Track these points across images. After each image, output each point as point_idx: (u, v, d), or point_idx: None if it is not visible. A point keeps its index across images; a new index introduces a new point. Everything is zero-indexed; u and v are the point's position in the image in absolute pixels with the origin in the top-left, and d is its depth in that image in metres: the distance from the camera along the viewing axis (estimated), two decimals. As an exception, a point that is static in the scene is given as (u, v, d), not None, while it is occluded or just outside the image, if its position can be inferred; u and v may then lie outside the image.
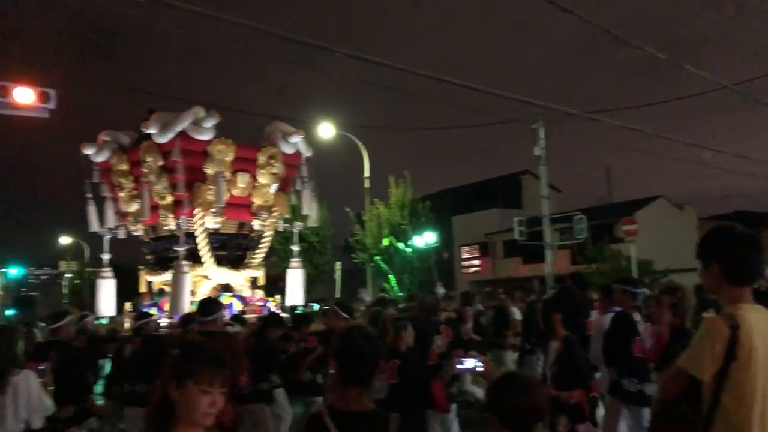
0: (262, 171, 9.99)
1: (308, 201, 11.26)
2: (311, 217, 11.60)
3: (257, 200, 10.16)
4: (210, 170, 9.37)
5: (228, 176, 9.57)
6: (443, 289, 15.52)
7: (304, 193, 11.11)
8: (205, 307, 5.45)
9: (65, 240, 51.86)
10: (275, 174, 10.20)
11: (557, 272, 19.67)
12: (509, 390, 2.45)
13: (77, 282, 50.78)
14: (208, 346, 2.24)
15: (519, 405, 2.40)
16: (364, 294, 16.73)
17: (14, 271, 73.60)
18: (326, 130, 22.37)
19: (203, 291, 9.52)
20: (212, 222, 9.67)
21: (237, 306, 9.48)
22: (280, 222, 11.12)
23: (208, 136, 9.36)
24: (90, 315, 9.11)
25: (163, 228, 9.93)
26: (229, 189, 9.60)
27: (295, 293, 11.09)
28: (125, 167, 9.94)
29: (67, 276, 56.08)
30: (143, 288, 10.61)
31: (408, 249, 25.68)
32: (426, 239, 25.22)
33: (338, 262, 22.28)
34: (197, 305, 6.01)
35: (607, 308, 6.33)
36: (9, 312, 56.46)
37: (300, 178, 11.02)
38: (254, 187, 10.05)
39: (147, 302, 9.95)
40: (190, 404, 2.09)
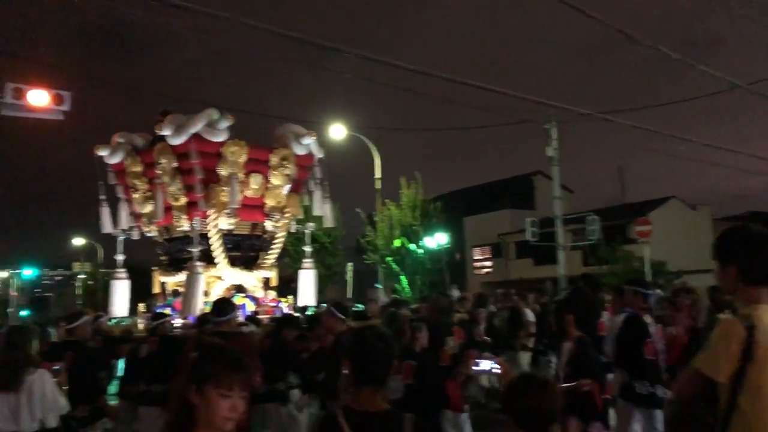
0: (275, 172, 10.04)
1: (320, 202, 11.27)
2: (326, 218, 11.64)
3: (270, 201, 10.19)
4: (223, 171, 9.42)
5: (241, 177, 9.62)
6: (458, 292, 15.51)
7: (316, 194, 11.12)
8: (220, 308, 5.46)
9: (79, 241, 52.15)
10: (288, 175, 10.24)
11: (569, 273, 19.58)
12: (525, 391, 2.46)
13: (91, 283, 51.09)
14: (228, 349, 2.19)
15: (534, 406, 2.40)
16: (380, 294, 16.77)
17: (29, 272, 74.26)
18: (337, 132, 22.41)
19: (217, 292, 9.57)
20: (226, 223, 9.72)
21: (250, 307, 9.50)
22: (293, 223, 11.16)
23: (222, 138, 9.41)
24: (104, 315, 9.18)
25: (177, 229, 9.97)
26: (242, 190, 9.65)
27: (308, 294, 11.11)
28: (139, 169, 9.99)
29: (81, 277, 56.47)
30: (157, 289, 10.67)
31: (419, 250, 25.65)
32: (437, 240, 25.19)
33: (350, 263, 22.31)
34: (211, 306, 6.04)
35: (620, 309, 6.30)
36: (23, 312, 56.98)
37: (312, 179, 11.03)
38: (267, 189, 10.10)
39: (161, 303, 10.00)
40: (210, 409, 2.04)
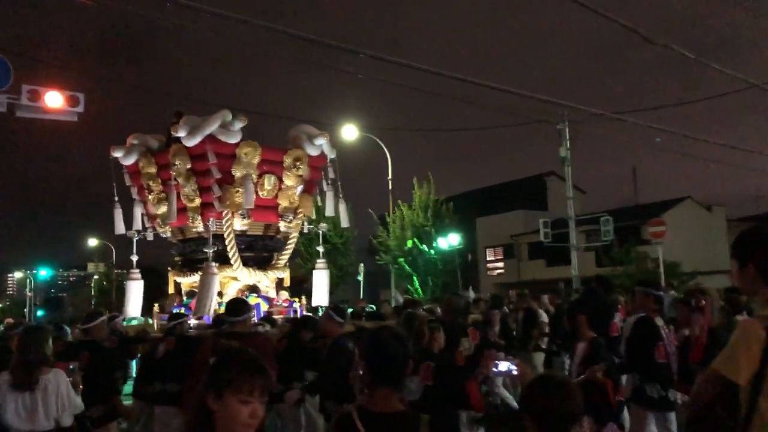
0: (288, 173, 10.06)
1: (332, 202, 11.30)
2: (342, 218, 11.67)
3: (283, 202, 10.22)
4: (238, 173, 9.46)
5: (254, 178, 9.65)
6: (473, 293, 15.50)
7: (328, 195, 11.14)
8: (235, 308, 5.47)
9: (93, 242, 52.56)
10: (301, 176, 10.26)
11: (582, 274, 19.52)
12: (545, 392, 2.45)
13: (105, 283, 51.51)
14: (246, 353, 2.14)
15: (555, 407, 2.39)
16: (398, 295, 16.79)
17: (44, 273, 75.16)
18: (350, 132, 22.46)
19: (231, 292, 9.61)
20: (239, 224, 9.75)
21: (264, 307, 9.54)
22: (305, 223, 11.18)
23: (236, 139, 9.44)
24: (119, 315, 9.23)
25: (191, 230, 10.01)
26: (256, 191, 9.67)
27: (321, 294, 11.13)
28: (153, 170, 10.04)
29: (95, 278, 56.95)
30: (171, 289, 10.72)
31: (432, 251, 25.64)
32: (450, 241, 25.16)
33: (361, 264, 22.32)
34: (225, 306, 6.06)
35: (634, 311, 6.26)
36: (39, 312, 57.54)
37: (325, 180, 11.05)
38: (280, 189, 10.12)
39: (177, 303, 10.04)
40: (230, 415, 1.97)
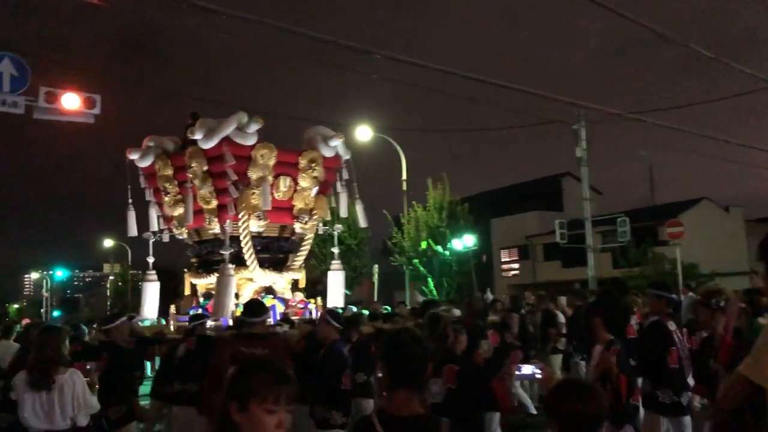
0: (303, 174, 10.07)
1: (346, 203, 11.31)
2: (360, 219, 11.68)
3: (298, 203, 10.23)
4: (254, 174, 9.49)
5: (270, 180, 9.67)
6: (491, 295, 15.47)
7: (342, 196, 11.15)
8: (253, 309, 5.46)
9: (109, 243, 52.93)
10: (316, 177, 10.27)
11: (599, 276, 19.37)
12: (571, 396, 2.41)
13: (120, 284, 51.90)
14: (269, 361, 2.09)
15: (581, 411, 2.36)
16: (417, 295, 16.79)
17: (60, 274, 75.99)
18: (364, 133, 22.47)
19: (247, 293, 9.64)
20: (255, 225, 9.77)
21: (279, 308, 9.55)
22: (320, 225, 11.19)
23: (252, 141, 9.47)
24: (137, 316, 9.29)
25: (208, 231, 10.04)
26: (271, 192, 9.69)
27: (337, 295, 11.15)
28: (170, 172, 10.08)
29: (111, 278, 57.40)
30: (187, 291, 10.77)
31: (446, 252, 25.56)
32: (465, 242, 25.07)
33: (376, 265, 22.30)
34: (243, 307, 6.06)
35: (650, 314, 6.20)
36: (55, 313, 58.11)
37: (339, 181, 11.06)
38: (295, 191, 10.13)
39: (194, 305, 10.08)
40: (256, 427, 1.89)
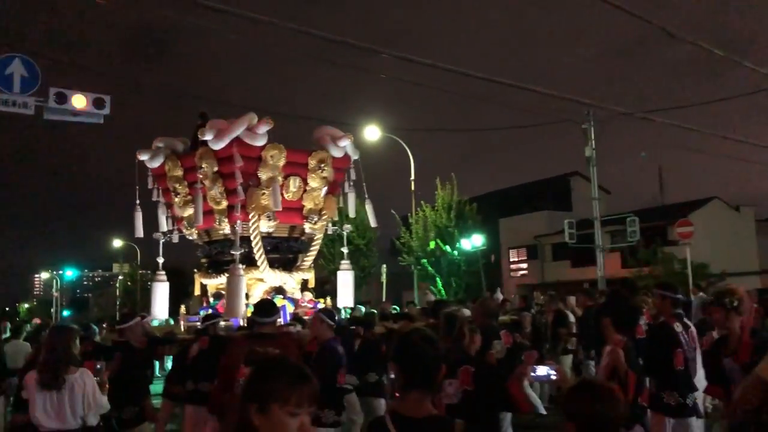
0: (313, 175, 10.09)
1: (354, 203, 11.33)
2: (370, 219, 11.70)
3: (308, 204, 10.24)
4: (264, 175, 9.51)
5: (280, 180, 9.69)
6: (501, 296, 15.44)
7: (350, 196, 11.17)
8: (265, 309, 5.44)
9: (118, 243, 53.08)
10: (325, 178, 10.28)
11: (608, 276, 19.30)
12: (589, 397, 2.40)
13: (130, 284, 52.06)
14: (288, 361, 2.01)
15: (599, 413, 2.34)
16: (429, 295, 16.81)
17: (70, 273, 76.46)
18: (372, 133, 22.48)
19: (257, 294, 9.66)
20: (265, 226, 9.79)
21: (289, 308, 9.57)
22: (330, 225, 11.20)
23: (262, 142, 9.48)
24: (148, 316, 9.30)
25: (218, 232, 10.06)
26: (281, 193, 9.71)
27: (346, 295, 11.17)
28: (180, 173, 10.10)
29: (120, 278, 57.62)
30: (197, 291, 10.80)
31: (455, 252, 25.51)
32: (473, 242, 25.02)
33: (384, 265, 22.30)
34: (254, 307, 6.05)
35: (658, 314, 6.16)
36: (65, 313, 58.43)
37: (347, 181, 11.07)
38: (305, 191, 10.14)
39: (204, 305, 10.12)
40: (277, 429, 1.83)
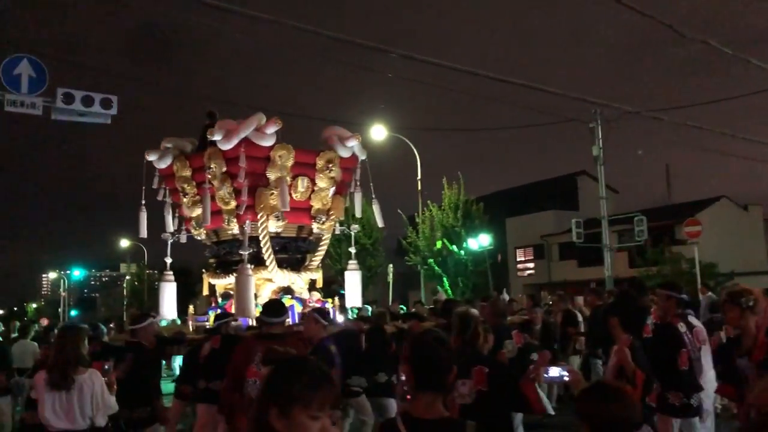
0: (321, 175, 10.08)
1: (360, 203, 11.34)
2: (377, 219, 11.72)
3: (316, 204, 10.24)
4: (272, 175, 9.51)
5: (288, 181, 9.69)
6: (507, 295, 15.46)
7: (357, 196, 11.18)
8: (274, 309, 5.45)
9: (125, 243, 53.28)
10: (333, 178, 10.28)
11: (615, 275, 19.27)
12: (603, 399, 2.40)
13: (137, 283, 52.24)
14: (310, 362, 1.95)
15: (614, 414, 2.34)
16: (440, 294, 16.85)
17: (77, 273, 76.79)
18: (378, 133, 22.50)
19: (265, 294, 9.67)
20: (274, 226, 9.80)
21: (298, 308, 9.57)
22: (337, 225, 11.20)
23: (271, 142, 9.49)
24: (157, 316, 9.31)
25: (226, 232, 10.07)
26: (290, 193, 9.71)
27: (354, 295, 11.19)
28: (188, 173, 10.11)
29: (127, 278, 57.82)
30: (206, 291, 10.82)
31: (461, 251, 25.49)
32: (480, 241, 24.99)
33: (390, 265, 22.32)
34: (263, 307, 6.06)
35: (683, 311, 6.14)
36: (72, 312, 58.69)
37: (354, 181, 11.08)
38: (313, 191, 10.14)
39: (213, 305, 10.13)
40: None
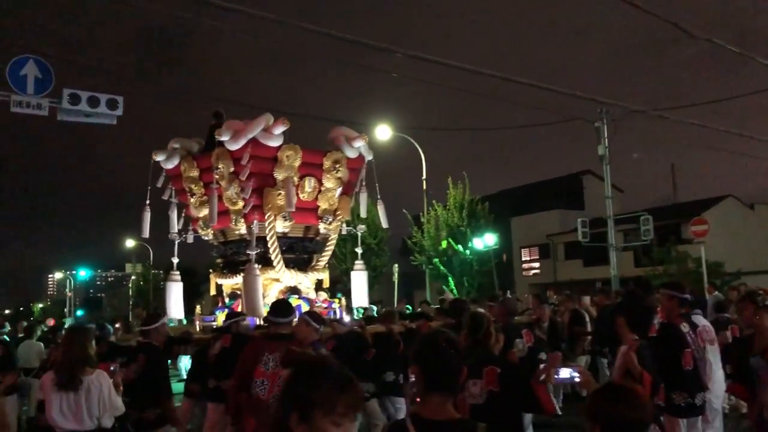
0: (328, 175, 10.10)
1: (366, 203, 11.35)
2: (382, 220, 11.74)
3: (323, 204, 10.26)
4: (279, 176, 9.54)
5: (295, 181, 9.72)
6: (510, 295, 15.49)
7: (362, 196, 11.20)
8: (283, 309, 5.47)
9: (130, 243, 53.36)
10: (340, 178, 10.29)
11: (621, 275, 19.24)
12: (615, 400, 2.41)
13: (142, 283, 52.37)
14: (333, 364, 1.87)
15: (625, 415, 2.35)
16: (448, 293, 16.87)
17: (83, 273, 77.04)
18: (383, 132, 22.52)
19: (272, 294, 9.70)
20: (281, 226, 9.82)
21: (305, 308, 9.58)
22: (344, 225, 11.22)
23: (278, 143, 9.52)
24: (165, 316, 9.33)
25: (234, 232, 10.09)
26: (297, 193, 9.74)
27: (361, 295, 11.20)
28: (196, 173, 10.14)
29: (132, 278, 57.96)
30: (213, 291, 10.84)
31: (467, 251, 25.48)
32: (485, 241, 24.98)
33: (396, 265, 22.32)
34: (271, 307, 6.09)
35: (690, 311, 6.15)
36: (78, 312, 58.88)
37: (360, 181, 11.10)
38: (320, 192, 10.16)
39: (220, 305, 10.16)
40: None
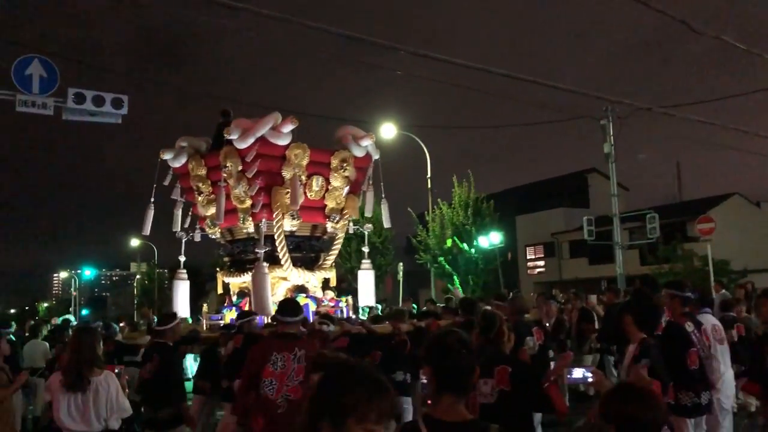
0: (335, 174, 10.12)
1: (372, 202, 11.37)
2: (385, 219, 11.77)
3: (330, 203, 10.29)
4: (287, 174, 9.56)
5: (303, 180, 9.74)
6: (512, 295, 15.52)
7: (368, 195, 11.21)
8: (292, 308, 5.47)
9: (135, 242, 53.40)
10: (347, 177, 10.31)
11: (626, 273, 19.21)
12: (629, 400, 2.41)
13: (147, 282, 52.45)
14: (365, 368, 1.80)
15: (639, 416, 2.35)
16: (457, 292, 16.88)
17: (88, 273, 77.17)
18: (388, 131, 22.51)
19: (280, 292, 9.71)
20: (288, 225, 9.84)
21: (312, 307, 9.61)
22: (351, 224, 11.23)
23: (287, 141, 9.54)
24: (179, 317, 9.34)
25: (241, 231, 10.12)
26: (304, 192, 9.76)
27: (367, 294, 11.21)
28: (203, 172, 10.16)
29: (137, 277, 58.06)
30: (220, 289, 10.87)
31: (472, 250, 25.45)
32: (490, 239, 24.95)
33: (400, 263, 22.30)
34: (279, 306, 6.10)
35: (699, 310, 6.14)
36: (83, 311, 59.03)
37: (367, 181, 11.11)
38: (327, 190, 10.19)
39: (227, 304, 10.19)
40: None
